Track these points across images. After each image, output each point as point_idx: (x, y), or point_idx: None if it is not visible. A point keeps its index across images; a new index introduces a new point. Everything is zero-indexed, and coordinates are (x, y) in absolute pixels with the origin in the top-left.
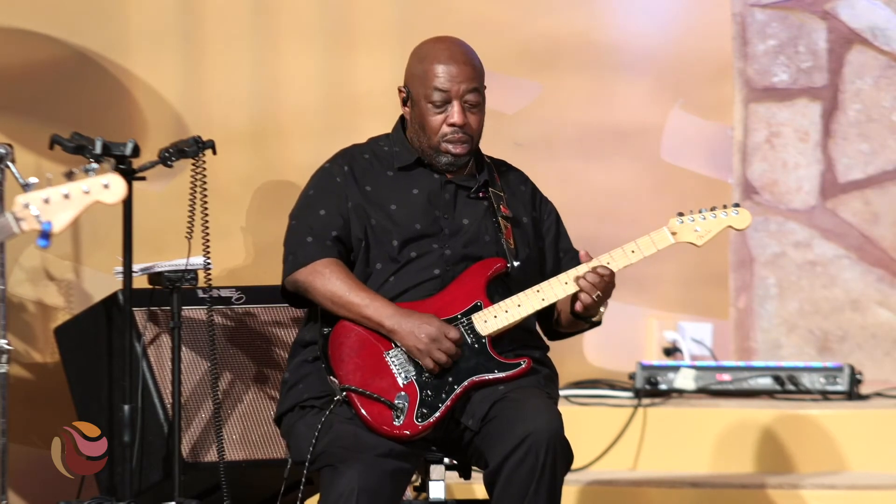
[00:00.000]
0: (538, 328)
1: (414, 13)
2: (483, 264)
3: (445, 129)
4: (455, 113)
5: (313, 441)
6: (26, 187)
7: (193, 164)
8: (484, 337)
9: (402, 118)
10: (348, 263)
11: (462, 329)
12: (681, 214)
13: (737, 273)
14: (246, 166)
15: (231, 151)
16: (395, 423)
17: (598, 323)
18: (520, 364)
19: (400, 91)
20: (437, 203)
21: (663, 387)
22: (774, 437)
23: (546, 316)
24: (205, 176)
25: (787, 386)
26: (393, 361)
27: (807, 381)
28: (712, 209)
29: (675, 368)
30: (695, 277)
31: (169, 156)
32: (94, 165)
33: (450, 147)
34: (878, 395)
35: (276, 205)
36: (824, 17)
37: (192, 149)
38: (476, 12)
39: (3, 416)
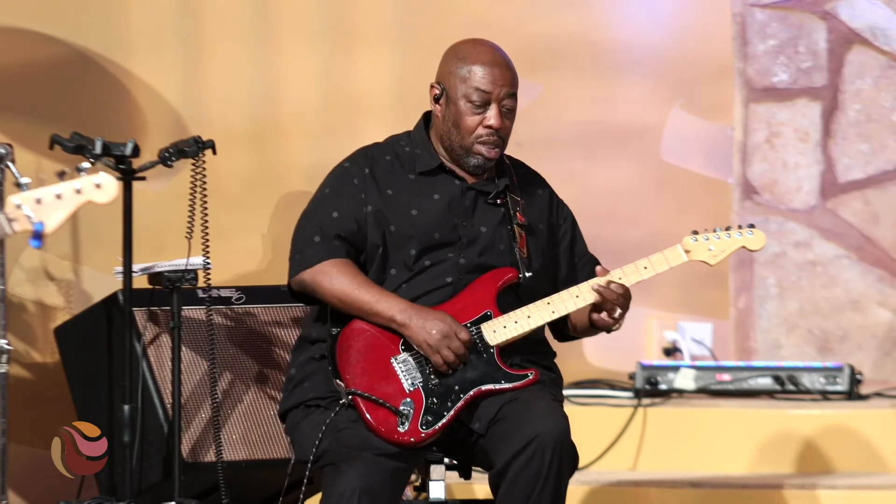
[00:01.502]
0: (548, 333)
1: (414, 13)
2: (494, 274)
3: (481, 130)
4: (493, 116)
5: (316, 441)
6: (20, 187)
7: (193, 164)
8: (492, 347)
9: (425, 117)
10: (357, 264)
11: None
12: (695, 232)
13: (737, 273)
14: (246, 166)
15: (231, 151)
16: (400, 430)
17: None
18: (527, 376)
19: (433, 88)
20: (456, 210)
21: (663, 387)
22: (774, 437)
23: (560, 322)
24: (205, 176)
25: (787, 386)
26: (400, 367)
27: (807, 381)
28: (727, 229)
29: (675, 368)
30: (695, 277)
31: (169, 156)
32: (86, 165)
33: (482, 149)
34: (878, 395)
35: (276, 205)
36: (824, 17)
37: (192, 149)
38: (476, 12)
39: (3, 416)
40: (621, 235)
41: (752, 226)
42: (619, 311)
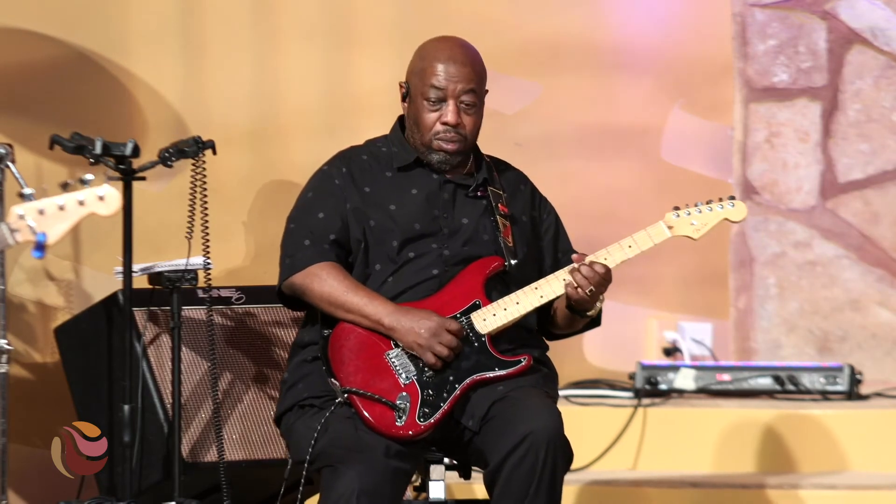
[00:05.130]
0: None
1: (414, 13)
2: (481, 263)
3: (438, 126)
4: (449, 112)
5: (312, 441)
6: (23, 198)
7: (193, 164)
8: (483, 335)
9: (400, 118)
10: (347, 266)
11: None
12: (676, 208)
13: (737, 273)
14: (246, 166)
15: (231, 151)
16: (398, 424)
17: (598, 324)
18: (520, 361)
19: (400, 86)
20: (435, 202)
21: (663, 387)
22: (774, 437)
23: (543, 316)
24: (205, 176)
25: (787, 386)
26: (394, 362)
27: (807, 381)
28: (708, 202)
29: (675, 368)
30: (695, 277)
31: (169, 156)
32: (90, 177)
33: (442, 144)
34: (878, 395)
35: (276, 205)
36: (824, 17)
37: (192, 149)
38: (476, 12)
39: (3, 416)
40: (621, 236)
41: (732, 197)
42: (590, 287)
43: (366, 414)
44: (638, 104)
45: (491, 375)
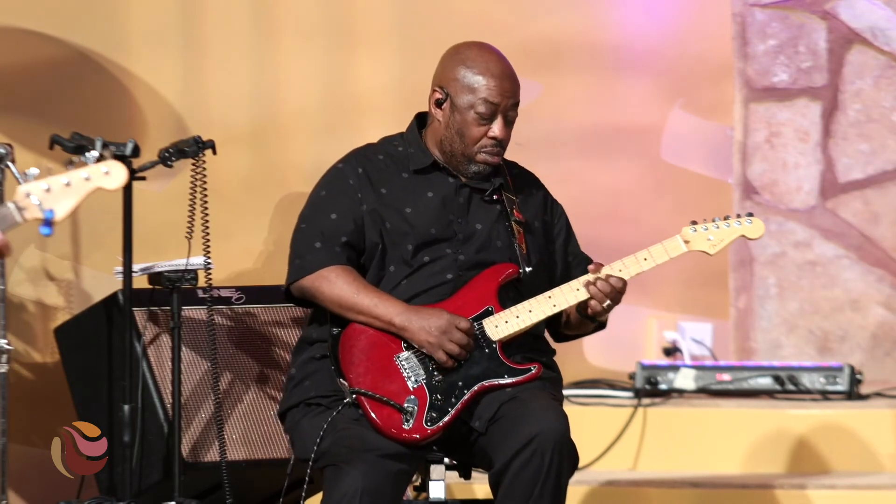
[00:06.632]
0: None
1: (414, 13)
2: (495, 269)
3: (486, 141)
4: (499, 128)
5: (317, 441)
6: (27, 177)
7: (193, 164)
8: (495, 342)
9: (417, 118)
10: (358, 268)
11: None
12: (694, 223)
13: (737, 273)
14: (246, 166)
15: (231, 151)
16: (405, 427)
17: (603, 325)
18: (530, 370)
19: (435, 91)
20: (451, 207)
21: (663, 387)
22: (774, 437)
23: (554, 319)
24: (205, 176)
25: (787, 386)
26: (403, 365)
27: (807, 381)
28: (726, 218)
29: (675, 368)
30: (695, 277)
31: (169, 156)
32: (95, 153)
33: (487, 158)
34: (878, 395)
35: (276, 205)
36: (824, 17)
37: (192, 149)
38: (476, 12)
39: (3, 416)
40: (621, 235)
41: (750, 214)
42: (608, 302)
43: (373, 416)
44: (638, 104)
45: (500, 383)
